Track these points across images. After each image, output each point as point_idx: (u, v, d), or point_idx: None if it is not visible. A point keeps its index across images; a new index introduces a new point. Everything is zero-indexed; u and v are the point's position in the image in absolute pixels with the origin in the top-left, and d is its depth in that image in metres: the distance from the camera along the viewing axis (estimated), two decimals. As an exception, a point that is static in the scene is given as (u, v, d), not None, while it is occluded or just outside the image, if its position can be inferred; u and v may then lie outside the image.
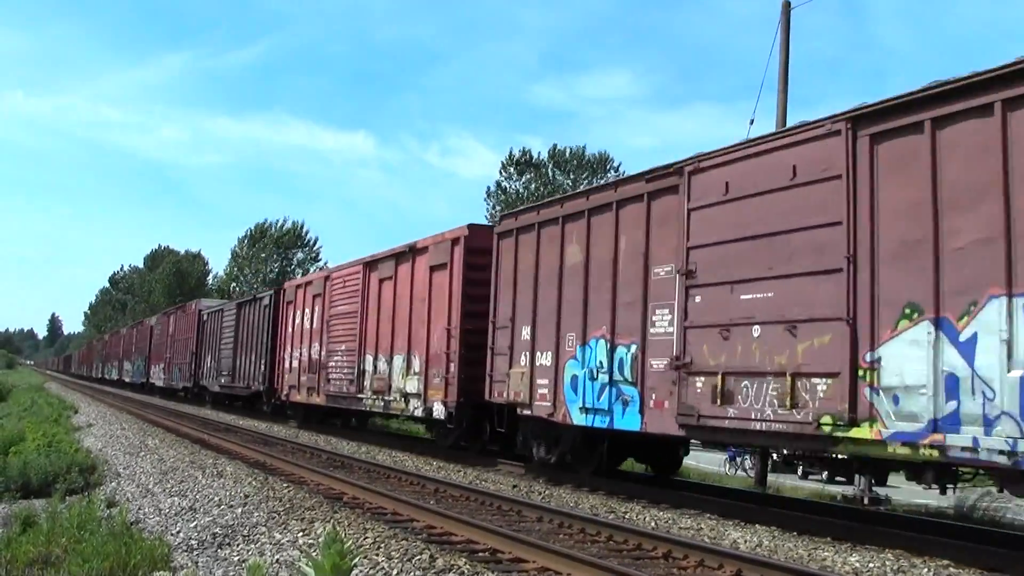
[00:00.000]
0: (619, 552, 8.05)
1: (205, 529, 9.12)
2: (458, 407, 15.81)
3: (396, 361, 18.43)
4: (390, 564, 7.15)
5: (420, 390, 17.11)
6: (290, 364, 25.32)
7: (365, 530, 8.54)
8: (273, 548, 7.98)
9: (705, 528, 9.68)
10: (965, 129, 7.92)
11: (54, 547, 8.08)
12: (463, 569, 7.03)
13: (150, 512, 10.58)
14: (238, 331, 31.17)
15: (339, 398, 21.58)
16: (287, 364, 25.65)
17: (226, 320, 32.98)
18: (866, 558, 8.10)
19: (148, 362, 49.34)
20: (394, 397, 18.26)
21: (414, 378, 17.47)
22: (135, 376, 53.52)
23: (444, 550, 7.75)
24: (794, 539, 9.06)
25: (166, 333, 44.42)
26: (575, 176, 50.97)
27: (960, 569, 7.78)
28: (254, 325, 29.45)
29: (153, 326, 48.92)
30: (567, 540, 8.50)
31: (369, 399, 19.63)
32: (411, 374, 17.61)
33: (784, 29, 17.00)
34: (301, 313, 24.89)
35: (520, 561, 7.51)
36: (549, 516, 9.68)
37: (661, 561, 7.75)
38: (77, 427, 23.46)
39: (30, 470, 12.74)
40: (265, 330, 28.07)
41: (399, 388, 18.10)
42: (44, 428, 20.35)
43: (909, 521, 10.54)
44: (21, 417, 24.91)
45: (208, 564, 7.80)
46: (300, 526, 8.83)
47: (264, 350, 27.88)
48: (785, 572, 6.96)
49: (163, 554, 7.94)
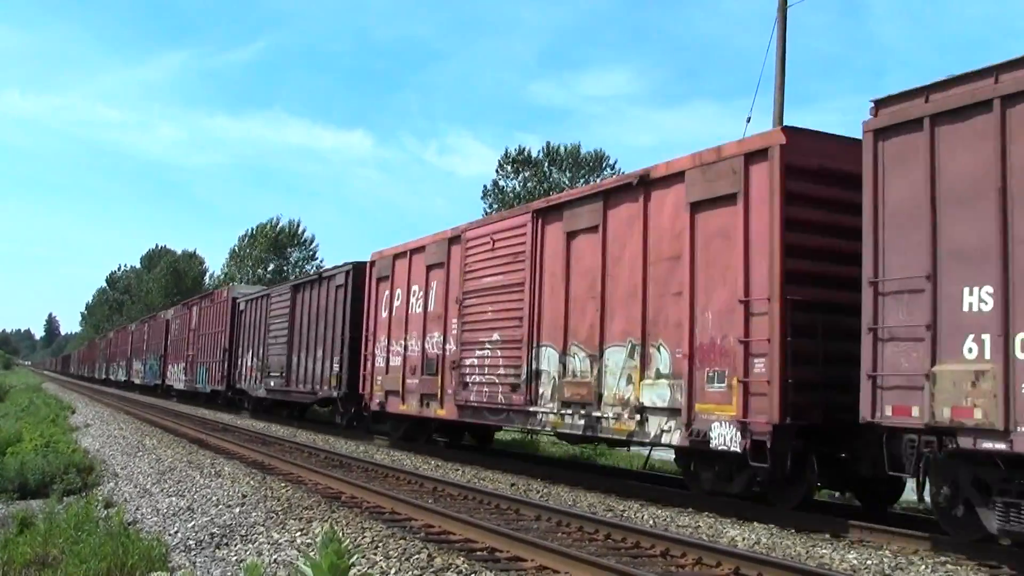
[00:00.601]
0: (617, 550, 8.05)
1: (203, 529, 9.11)
2: (777, 434, 9.47)
3: (612, 356, 12.07)
4: (388, 563, 7.15)
5: (676, 402, 10.84)
6: (386, 362, 18.67)
7: (363, 529, 8.54)
8: (271, 548, 7.97)
9: (703, 526, 9.68)
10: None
11: (51, 548, 8.07)
12: (461, 568, 7.03)
13: (148, 512, 10.57)
14: (295, 321, 24.86)
15: (487, 411, 14.84)
16: (379, 362, 19.00)
17: (275, 308, 26.79)
18: (864, 555, 8.11)
19: (164, 361, 43.31)
20: (610, 412, 11.87)
21: (659, 384, 11.21)
22: (147, 377, 47.50)
23: (442, 549, 7.74)
24: (792, 536, 9.06)
25: (187, 327, 38.39)
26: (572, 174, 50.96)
27: (958, 566, 7.79)
28: (320, 312, 23.00)
29: (170, 320, 43.13)
30: (565, 538, 8.50)
31: (551, 414, 13.09)
32: (652, 376, 11.36)
33: (781, 27, 17.00)
34: (404, 292, 18.16)
35: (518, 560, 7.51)
36: (547, 514, 9.67)
37: (659, 559, 7.75)
38: (75, 427, 23.42)
39: (27, 471, 12.73)
40: (339, 318, 21.68)
41: (620, 398, 11.79)
42: (41, 428, 20.33)
43: (907, 518, 10.54)
44: (19, 417, 24.89)
45: (206, 564, 7.79)
46: (298, 526, 8.82)
47: (339, 344, 21.53)
48: (783, 570, 6.96)
49: (161, 554, 7.93)
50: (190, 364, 37.23)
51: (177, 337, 40.55)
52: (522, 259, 14.07)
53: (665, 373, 11.14)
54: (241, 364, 30.11)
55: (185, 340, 38.38)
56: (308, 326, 23.87)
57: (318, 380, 22.77)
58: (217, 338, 32.81)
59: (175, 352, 40.91)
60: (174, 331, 41.53)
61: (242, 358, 30.10)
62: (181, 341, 39.42)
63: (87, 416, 27.94)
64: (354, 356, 20.63)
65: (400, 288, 18.40)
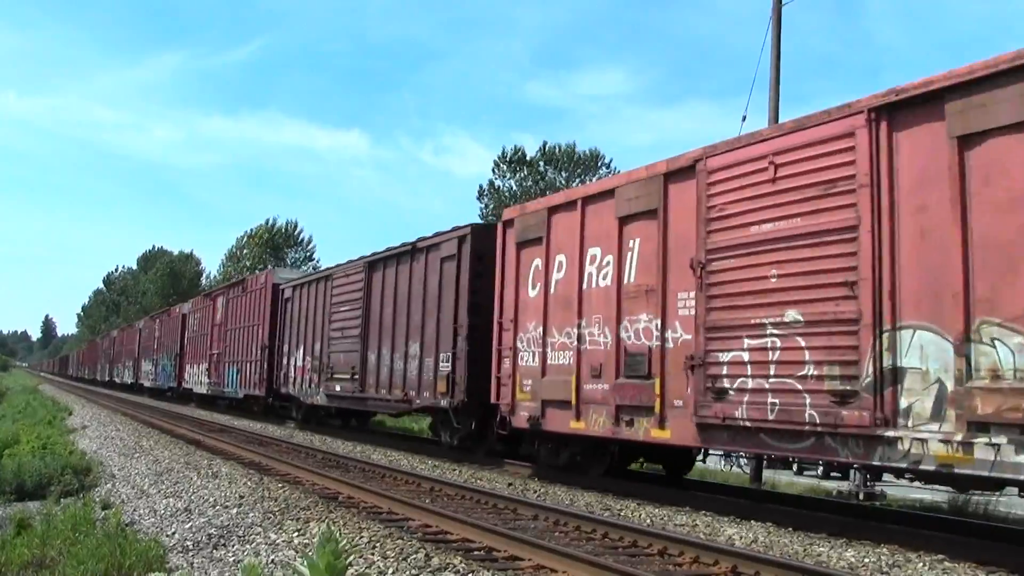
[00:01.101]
0: (615, 549, 8.05)
1: (200, 530, 9.10)
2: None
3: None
4: (385, 563, 7.14)
5: None
6: (541, 360, 13.27)
7: (361, 529, 8.53)
8: (268, 548, 7.97)
9: (700, 525, 9.68)
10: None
11: (49, 549, 8.07)
12: (459, 568, 7.03)
13: (145, 513, 10.57)
14: (371, 307, 19.39)
15: (773, 435, 9.46)
16: (527, 360, 13.62)
17: (340, 292, 21.26)
18: (862, 553, 8.12)
19: (180, 362, 38.70)
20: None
21: None
22: (161, 379, 42.77)
23: (440, 549, 7.74)
24: (789, 535, 9.07)
25: (209, 321, 33.58)
26: (568, 174, 51.02)
27: (955, 563, 7.80)
28: (415, 294, 17.45)
29: (187, 314, 38.51)
30: (563, 538, 8.49)
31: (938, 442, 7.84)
32: None
33: (775, 25, 17.00)
34: (574, 259, 12.78)
35: (516, 559, 7.51)
36: (544, 514, 9.67)
37: (657, 558, 7.75)
38: (72, 429, 23.40)
39: (24, 472, 12.74)
40: (450, 300, 16.05)
41: None
42: (38, 430, 20.34)
43: (904, 516, 10.57)
44: (15, 419, 24.88)
45: (203, 565, 7.79)
46: (295, 526, 8.82)
47: (449, 336, 15.94)
48: (781, 568, 6.96)
49: (158, 555, 7.94)
50: (215, 364, 32.06)
51: (197, 333, 35.72)
52: (847, 189, 8.84)
53: None
54: (288, 364, 24.59)
55: (208, 336, 33.46)
56: (395, 313, 18.21)
57: (413, 384, 17.17)
58: (252, 333, 27.63)
59: (194, 351, 35.96)
60: (192, 327, 36.87)
61: (288, 356, 24.53)
62: (202, 338, 34.53)
63: (84, 418, 27.91)
64: (475, 352, 15.27)
65: (564, 254, 13.03)
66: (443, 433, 16.78)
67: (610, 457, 12.98)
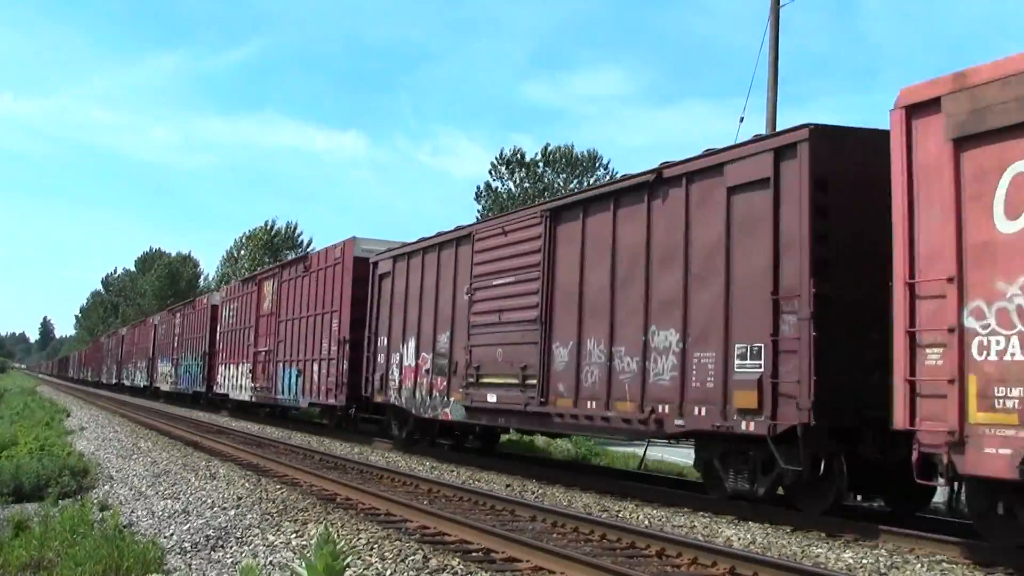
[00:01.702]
0: (613, 551, 8.05)
1: (198, 531, 9.10)
2: None
3: None
4: (383, 565, 7.15)
5: None
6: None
7: (359, 531, 8.54)
8: (266, 550, 7.97)
9: (698, 526, 9.69)
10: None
11: (47, 551, 8.07)
12: (457, 569, 7.03)
13: (143, 515, 10.56)
14: (555, 275, 13.33)
15: None
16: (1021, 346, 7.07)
17: (487, 259, 15.03)
18: (859, 554, 8.12)
19: (210, 362, 32.65)
20: None
21: None
22: (183, 383, 37.05)
23: (438, 550, 7.74)
24: (787, 536, 9.07)
25: (251, 312, 27.54)
26: (566, 175, 51.00)
27: (953, 564, 7.81)
28: (659, 249, 11.34)
29: (218, 305, 32.51)
30: (561, 539, 8.49)
31: None
32: None
33: (773, 26, 17.03)
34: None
35: (514, 560, 7.51)
36: (542, 515, 9.67)
37: (655, 559, 7.75)
38: (70, 431, 23.38)
39: (22, 474, 12.73)
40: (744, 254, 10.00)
41: None
42: (36, 432, 20.31)
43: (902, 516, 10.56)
44: (13, 421, 24.86)
45: (201, 566, 7.79)
46: (293, 527, 8.82)
47: (750, 316, 9.80)
48: (779, 569, 6.96)
49: (156, 557, 7.94)
50: (261, 366, 25.99)
51: (233, 327, 29.76)
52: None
53: None
54: (387, 363, 18.26)
55: (250, 330, 27.41)
56: (613, 284, 12.08)
57: (666, 393, 10.93)
58: (322, 323, 21.55)
59: (230, 348, 29.81)
60: (227, 319, 30.77)
61: (388, 353, 18.27)
62: (241, 332, 28.58)
63: (82, 419, 27.90)
64: (825, 341, 9.04)
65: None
66: (735, 479, 10.36)
67: None
